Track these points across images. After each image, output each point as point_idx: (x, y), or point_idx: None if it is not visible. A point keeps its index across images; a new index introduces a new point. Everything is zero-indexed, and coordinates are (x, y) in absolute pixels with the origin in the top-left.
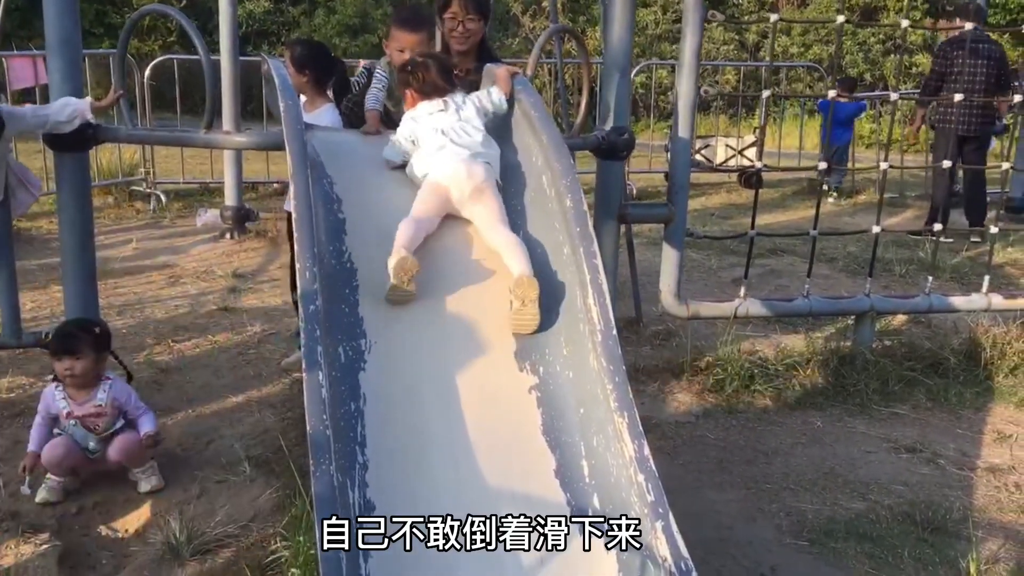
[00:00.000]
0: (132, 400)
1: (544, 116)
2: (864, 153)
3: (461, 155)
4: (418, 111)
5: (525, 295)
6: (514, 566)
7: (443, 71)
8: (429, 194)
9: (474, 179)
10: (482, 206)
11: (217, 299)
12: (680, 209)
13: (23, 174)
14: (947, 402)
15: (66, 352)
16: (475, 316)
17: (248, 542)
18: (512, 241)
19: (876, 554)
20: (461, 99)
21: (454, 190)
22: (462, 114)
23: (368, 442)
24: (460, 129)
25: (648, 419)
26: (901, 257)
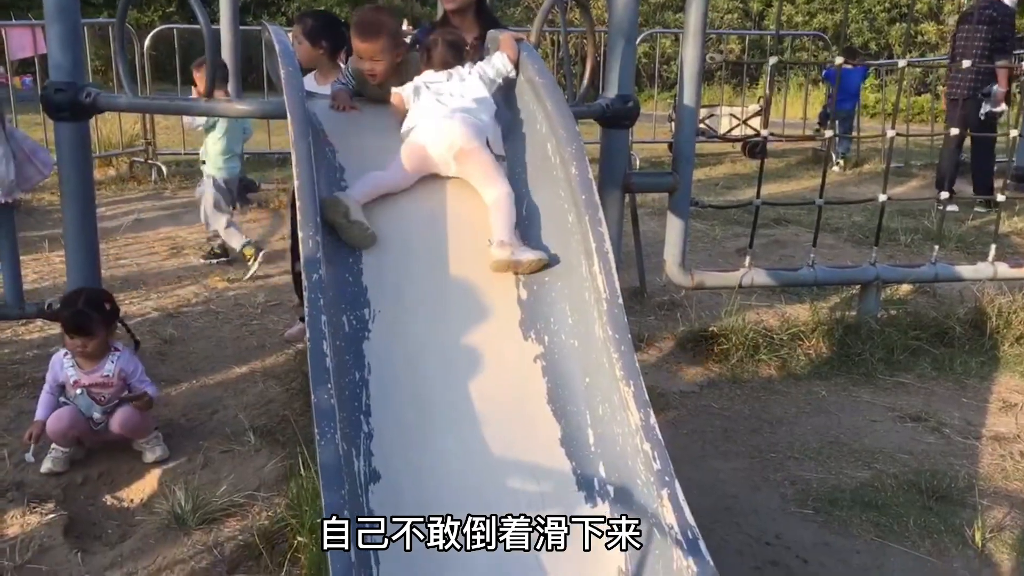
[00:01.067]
0: (138, 372)
1: (549, 83)
2: (869, 123)
3: (441, 114)
4: (424, 78)
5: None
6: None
7: (452, 47)
8: (405, 153)
9: (449, 136)
10: (470, 166)
11: (220, 270)
12: (685, 178)
13: (32, 150)
14: (952, 371)
15: (79, 332)
16: (480, 285)
17: (254, 511)
18: (496, 201)
19: (881, 522)
20: (467, 70)
21: (431, 149)
22: (465, 82)
23: (373, 411)
24: (457, 92)
25: (652, 389)
26: (907, 226)
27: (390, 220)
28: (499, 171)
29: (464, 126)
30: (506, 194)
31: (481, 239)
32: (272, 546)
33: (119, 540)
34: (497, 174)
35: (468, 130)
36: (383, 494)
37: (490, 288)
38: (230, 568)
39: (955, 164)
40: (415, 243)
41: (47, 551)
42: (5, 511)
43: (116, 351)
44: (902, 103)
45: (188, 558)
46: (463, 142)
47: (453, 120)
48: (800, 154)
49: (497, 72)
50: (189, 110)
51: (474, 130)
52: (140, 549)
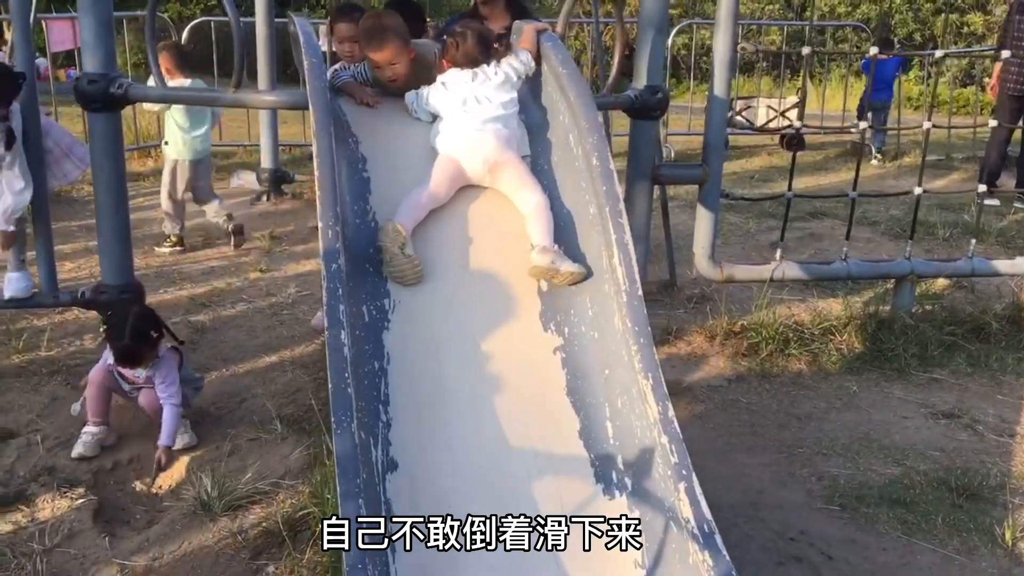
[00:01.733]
0: (167, 378)
1: (572, 73)
2: (912, 115)
3: (472, 126)
4: (447, 77)
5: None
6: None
7: (480, 42)
8: (441, 168)
9: (483, 151)
10: (505, 175)
11: (252, 260)
12: (715, 170)
13: (69, 147)
14: (988, 367)
15: (128, 364)
16: (500, 276)
17: (278, 499)
18: (535, 209)
19: (909, 520)
20: (493, 69)
21: (465, 164)
22: (490, 83)
23: (391, 400)
24: (484, 96)
25: (680, 382)
26: (946, 220)
27: None
28: (532, 179)
29: (496, 139)
30: (543, 201)
31: (500, 231)
32: (295, 533)
33: (146, 525)
34: (531, 182)
35: (500, 142)
36: (400, 483)
37: (510, 280)
38: (253, 554)
39: (1001, 157)
40: (435, 234)
41: (76, 535)
42: (36, 495)
43: (157, 357)
44: (945, 95)
45: (213, 544)
46: (496, 155)
47: (485, 133)
48: (839, 146)
49: (520, 72)
50: (218, 101)
51: (505, 141)
52: (166, 534)
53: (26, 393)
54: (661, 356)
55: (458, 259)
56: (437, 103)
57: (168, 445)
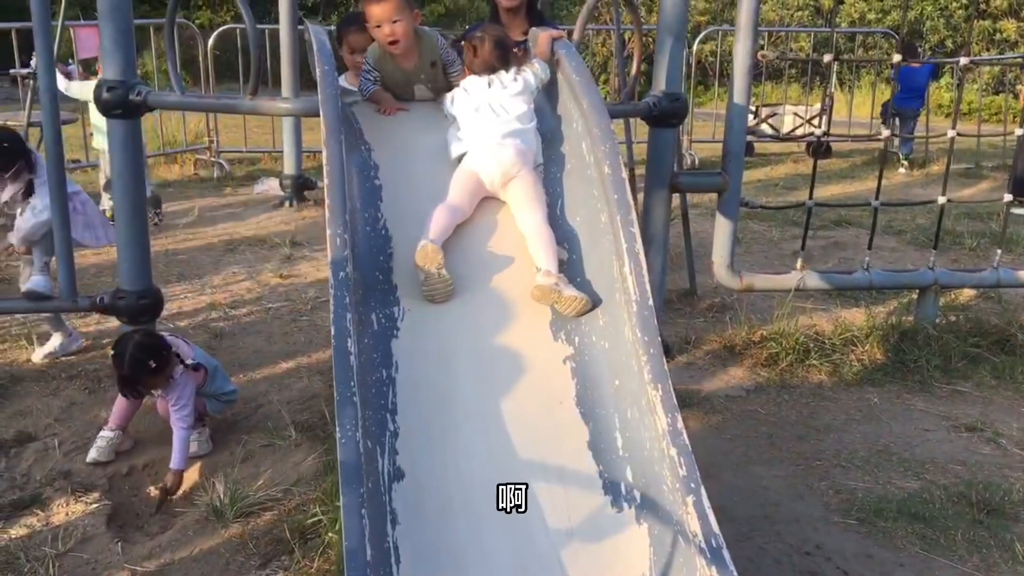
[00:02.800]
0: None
1: (586, 80)
2: (943, 123)
3: (491, 139)
4: (467, 83)
5: (549, 300)
6: (543, 537)
7: (498, 48)
8: (461, 182)
9: (502, 165)
10: (514, 190)
11: (273, 266)
12: (735, 178)
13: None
14: (1013, 380)
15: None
16: (510, 286)
17: (290, 506)
18: (537, 231)
19: (927, 535)
20: (511, 77)
21: (484, 177)
22: (506, 91)
23: (399, 409)
24: (499, 106)
25: (698, 392)
26: (973, 230)
27: (420, 222)
28: (540, 199)
29: (516, 153)
30: (545, 223)
31: (511, 241)
32: (305, 541)
33: (160, 531)
34: (539, 202)
35: (519, 157)
36: (406, 493)
37: (521, 289)
38: (263, 562)
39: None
40: (447, 243)
41: (89, 540)
42: (52, 499)
43: (172, 379)
44: (975, 102)
45: (223, 551)
46: (514, 170)
47: (505, 147)
48: (866, 154)
49: (537, 80)
50: (235, 108)
51: (523, 156)
52: (178, 540)
53: (44, 397)
54: (679, 365)
55: (469, 268)
56: (457, 108)
57: (178, 469)
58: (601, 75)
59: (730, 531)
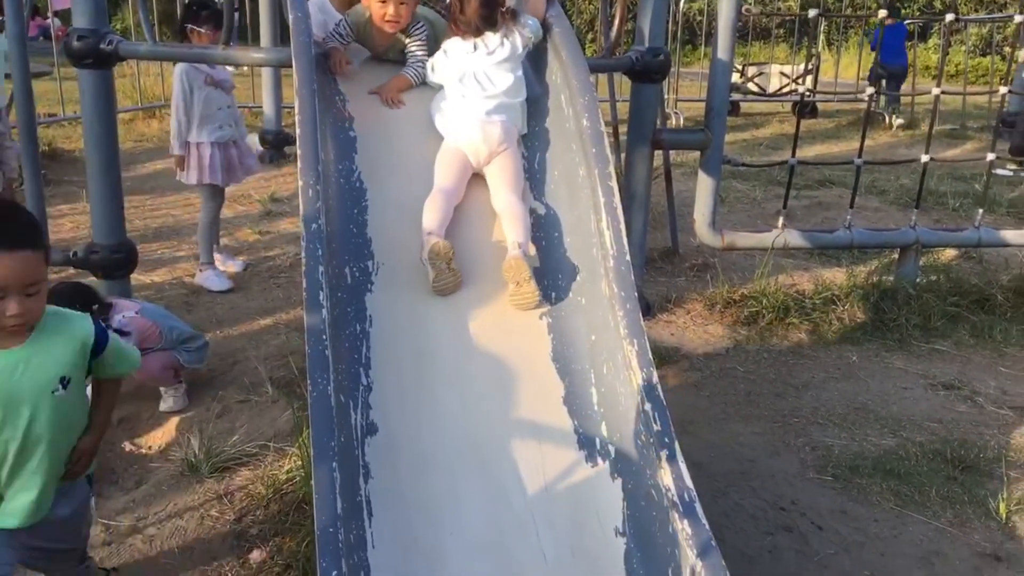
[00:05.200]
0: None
1: (565, 32)
2: (929, 84)
3: (477, 114)
4: (449, 46)
5: (518, 277)
6: (518, 492)
7: (485, 7)
8: (449, 159)
9: (489, 142)
10: (496, 167)
11: (252, 222)
12: (717, 135)
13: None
14: (991, 339)
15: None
16: (486, 239)
17: (266, 461)
18: (513, 211)
19: (902, 491)
20: (498, 40)
21: (470, 154)
22: (493, 57)
23: (373, 364)
24: (484, 75)
25: (678, 350)
26: (957, 190)
27: (395, 174)
28: (520, 176)
29: (502, 131)
30: (521, 202)
31: (487, 202)
32: (281, 496)
33: (134, 486)
34: (518, 180)
35: (505, 135)
36: (380, 447)
37: (497, 243)
38: (237, 516)
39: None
40: (421, 196)
41: None
42: None
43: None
44: (962, 64)
45: (198, 505)
46: (500, 148)
47: (492, 123)
48: (852, 115)
49: (525, 42)
50: (209, 58)
51: (509, 134)
52: (153, 495)
53: None
54: (660, 324)
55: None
56: (439, 75)
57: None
58: (588, 33)
59: (706, 487)
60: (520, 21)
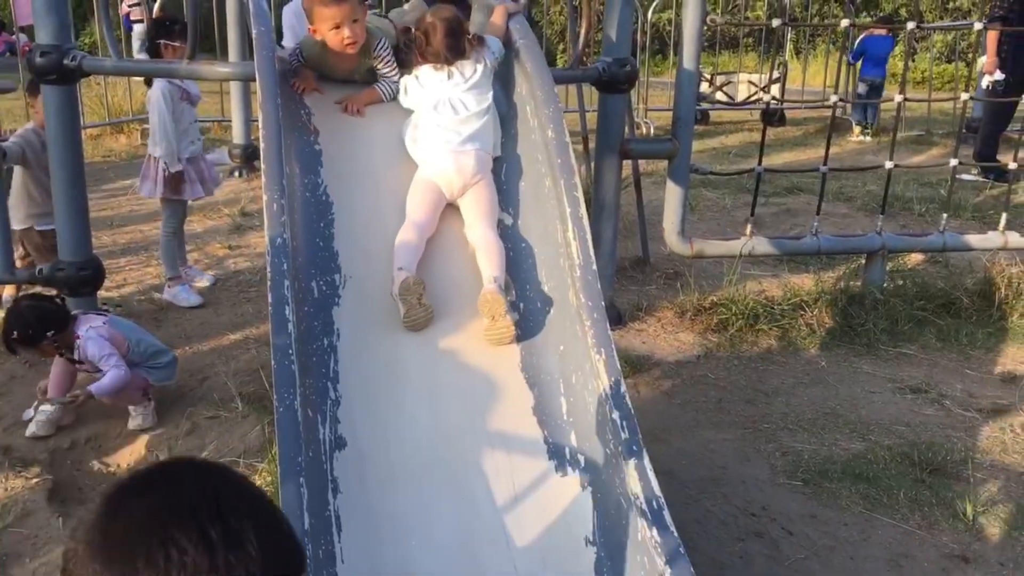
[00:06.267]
0: (101, 356)
1: (530, 45)
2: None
3: (450, 144)
4: (420, 73)
5: (494, 311)
6: (488, 504)
7: (450, 35)
8: (422, 192)
9: (463, 174)
10: (470, 199)
11: (222, 237)
12: (684, 144)
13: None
14: (957, 342)
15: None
16: (455, 251)
17: None
18: (488, 244)
19: (871, 494)
20: (471, 67)
21: (444, 186)
22: (468, 83)
23: (341, 378)
24: (458, 100)
25: (649, 358)
26: (922, 196)
27: (362, 187)
28: (495, 208)
29: (476, 162)
30: (496, 234)
31: (458, 216)
32: None
33: None
34: (493, 212)
35: (479, 166)
36: (348, 462)
37: (465, 256)
38: None
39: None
40: (388, 209)
41: (29, 515)
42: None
43: (78, 338)
44: (928, 71)
45: None
46: (475, 179)
47: (466, 154)
48: (819, 123)
49: (495, 63)
50: (173, 73)
51: (483, 164)
52: None
53: None
54: (631, 332)
55: None
56: (413, 101)
57: (93, 391)
58: (560, 44)
59: (678, 494)
60: (483, 43)
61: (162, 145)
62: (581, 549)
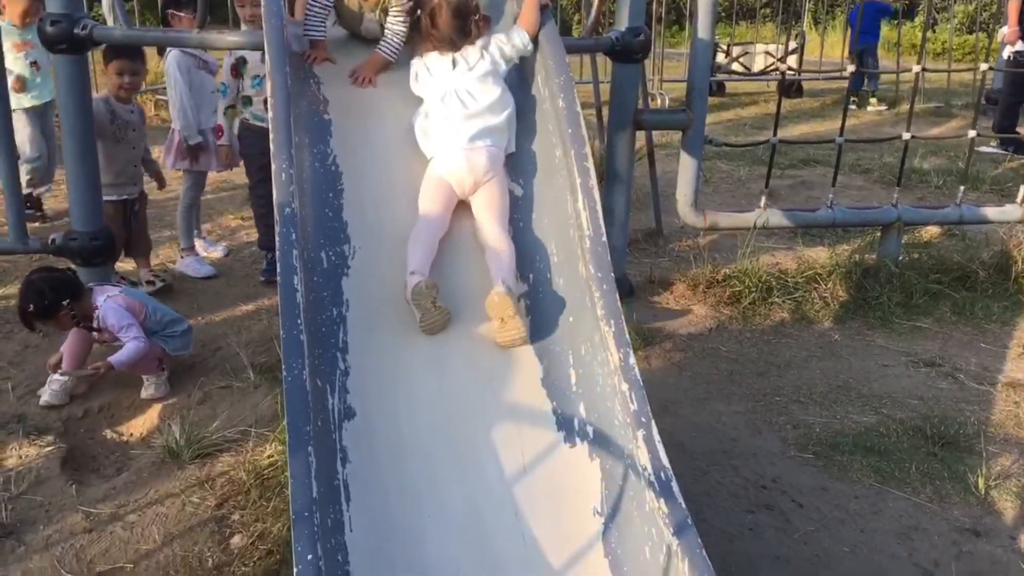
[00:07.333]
0: (120, 326)
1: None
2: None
3: (461, 141)
4: (428, 61)
5: (502, 313)
6: (496, 475)
7: (457, 18)
8: (433, 190)
9: (474, 172)
10: (482, 198)
11: (234, 207)
12: (698, 115)
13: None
14: (972, 316)
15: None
16: (464, 222)
17: (247, 447)
18: (498, 245)
19: (882, 468)
20: (477, 54)
21: (455, 184)
22: (474, 72)
23: (350, 348)
24: (467, 92)
25: (661, 331)
26: (941, 168)
27: (372, 158)
28: (506, 207)
29: (488, 159)
30: (507, 234)
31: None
32: (262, 481)
33: (115, 473)
34: (504, 211)
35: (490, 163)
36: (357, 431)
37: (473, 230)
38: (219, 502)
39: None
40: (397, 181)
41: (43, 483)
42: (5, 443)
43: (96, 308)
44: (948, 42)
45: (179, 492)
46: (486, 177)
47: (477, 151)
48: (837, 94)
49: (514, 53)
50: (184, 42)
51: (495, 161)
52: (133, 482)
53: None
54: (643, 305)
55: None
56: (422, 90)
57: (113, 363)
58: (575, 15)
59: (688, 466)
60: (506, 36)
61: (179, 118)
62: (589, 519)
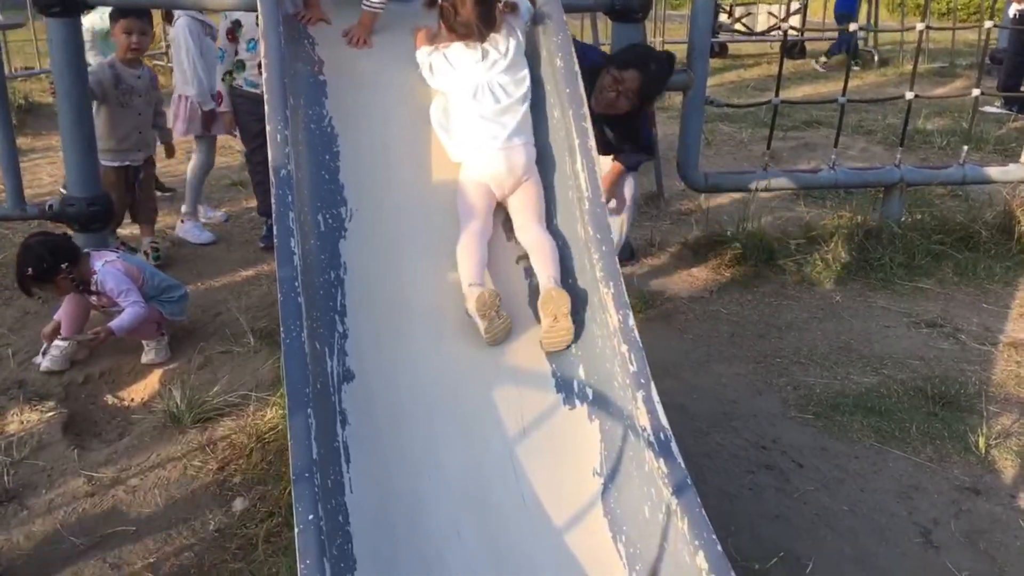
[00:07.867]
0: (119, 291)
1: None
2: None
3: (498, 140)
4: (452, 53)
5: (557, 310)
6: (496, 438)
7: (482, 3)
8: (473, 195)
9: (514, 172)
10: (519, 199)
11: (233, 172)
12: (699, 76)
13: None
14: (975, 276)
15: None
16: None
17: (248, 411)
18: (543, 244)
19: (882, 428)
20: (504, 44)
21: (495, 186)
22: (500, 65)
23: (348, 311)
24: (499, 86)
25: (662, 294)
26: (944, 128)
27: (368, 119)
28: (543, 204)
29: (526, 157)
30: (548, 234)
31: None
32: (263, 444)
33: (116, 438)
34: (542, 209)
35: (529, 160)
36: (356, 394)
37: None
38: (220, 466)
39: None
40: (394, 142)
41: (45, 448)
42: (6, 409)
43: (94, 273)
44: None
45: (181, 456)
46: (525, 176)
47: (515, 150)
48: (841, 55)
49: (525, 24)
50: (178, 4)
51: (532, 159)
52: (135, 446)
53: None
54: (645, 268)
55: (417, 168)
56: (444, 84)
57: (113, 328)
58: None
59: (688, 428)
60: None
61: (194, 84)
62: (588, 480)
